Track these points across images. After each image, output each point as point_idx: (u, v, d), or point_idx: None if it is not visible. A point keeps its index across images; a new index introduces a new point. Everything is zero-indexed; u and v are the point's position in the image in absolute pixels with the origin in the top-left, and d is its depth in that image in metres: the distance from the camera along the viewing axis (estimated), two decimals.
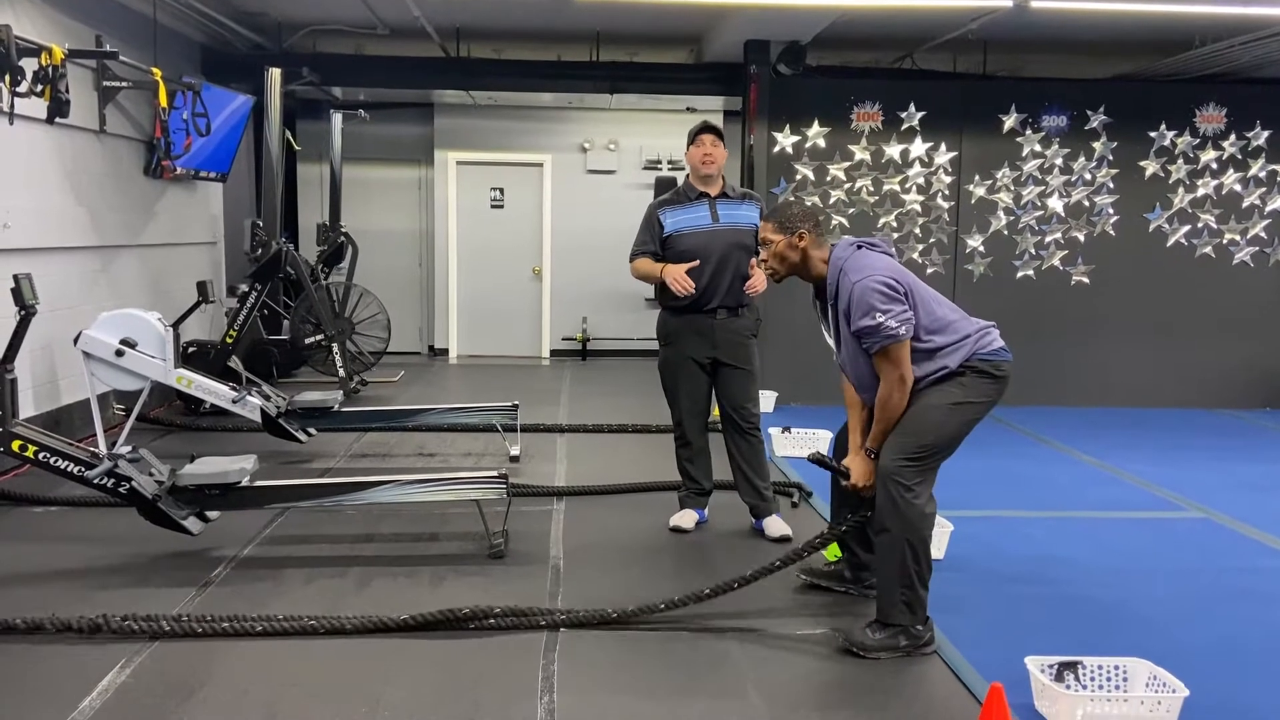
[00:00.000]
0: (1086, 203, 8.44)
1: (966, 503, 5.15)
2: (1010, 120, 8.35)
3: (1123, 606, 3.97)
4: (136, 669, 3.24)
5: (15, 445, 4.22)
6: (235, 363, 7.13)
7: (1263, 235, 8.49)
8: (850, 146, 8.32)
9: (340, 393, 6.69)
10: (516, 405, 6.17)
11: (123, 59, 6.25)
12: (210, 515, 4.37)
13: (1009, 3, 6.54)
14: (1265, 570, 4.48)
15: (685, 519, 4.84)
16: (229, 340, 7.35)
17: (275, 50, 8.69)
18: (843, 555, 4.04)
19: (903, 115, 8.30)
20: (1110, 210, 8.44)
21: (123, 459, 4.19)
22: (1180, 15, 7.09)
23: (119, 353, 4.50)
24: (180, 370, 5.18)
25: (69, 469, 4.22)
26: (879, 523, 3.44)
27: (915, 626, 3.43)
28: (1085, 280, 8.47)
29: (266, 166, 7.97)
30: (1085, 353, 8.47)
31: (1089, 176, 8.41)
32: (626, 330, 11.17)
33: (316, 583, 4.04)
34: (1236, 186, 8.45)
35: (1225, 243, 8.49)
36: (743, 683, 3.23)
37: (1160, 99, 8.39)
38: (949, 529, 4.42)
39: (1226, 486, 5.91)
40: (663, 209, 4.73)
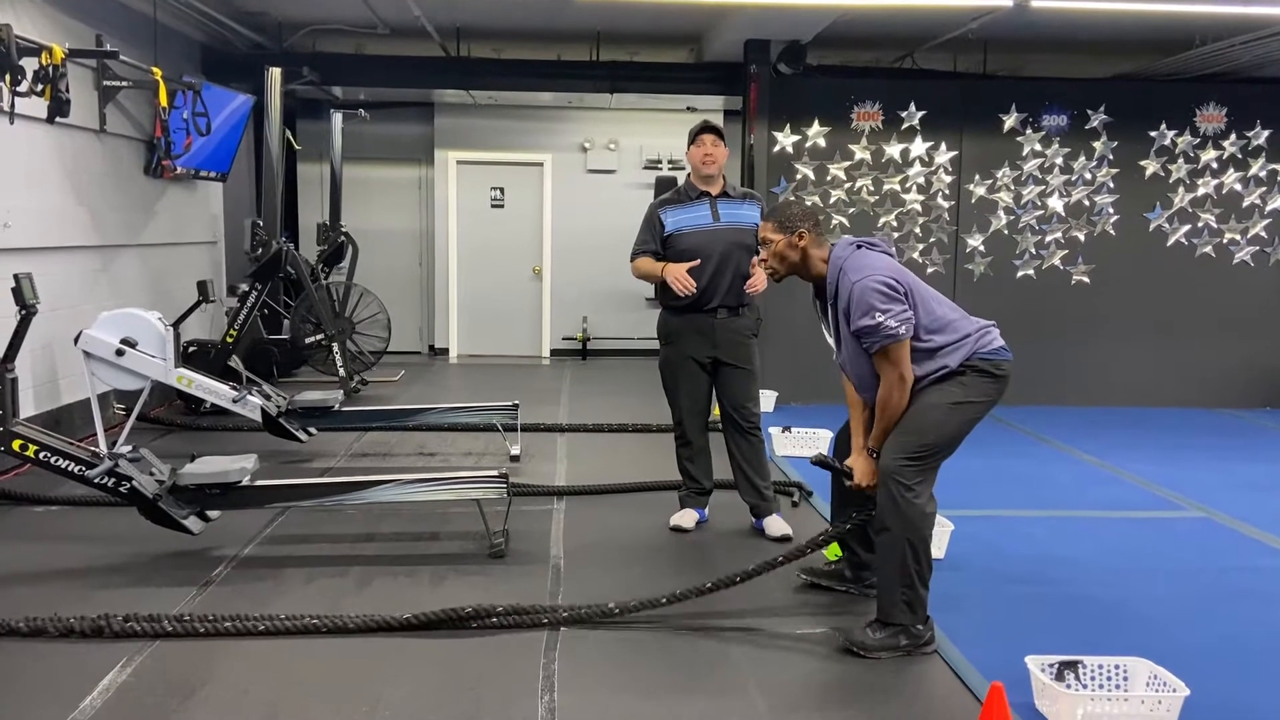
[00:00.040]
0: (1087, 202, 8.44)
1: (967, 502, 5.15)
2: (1010, 120, 8.35)
3: (1123, 606, 3.97)
4: (138, 668, 3.24)
5: (16, 444, 4.23)
6: (236, 362, 7.13)
7: (1263, 235, 8.49)
8: (850, 146, 8.32)
9: (340, 392, 6.69)
10: (517, 405, 6.17)
11: (123, 58, 6.25)
12: (211, 515, 4.37)
13: (1009, 2, 6.54)
14: (1266, 570, 4.48)
15: (686, 518, 4.84)
16: (229, 340, 7.35)
17: (275, 50, 8.69)
18: (843, 555, 4.04)
19: (903, 115, 8.30)
20: (1110, 210, 8.45)
21: (123, 458, 4.19)
22: (1180, 15, 7.09)
23: (119, 352, 4.50)
24: (181, 370, 5.18)
25: (70, 468, 4.22)
26: (880, 522, 3.44)
27: (916, 626, 3.43)
28: (1085, 280, 8.47)
29: (267, 166, 7.97)
30: (1085, 352, 8.47)
31: (1089, 176, 8.41)
32: (627, 330, 11.17)
33: (317, 582, 4.04)
34: (1237, 186, 8.45)
35: (1225, 242, 8.49)
36: (743, 682, 3.23)
37: (1160, 98, 8.39)
38: (949, 528, 4.43)
39: (1227, 486, 5.91)
40: (664, 208, 4.73)
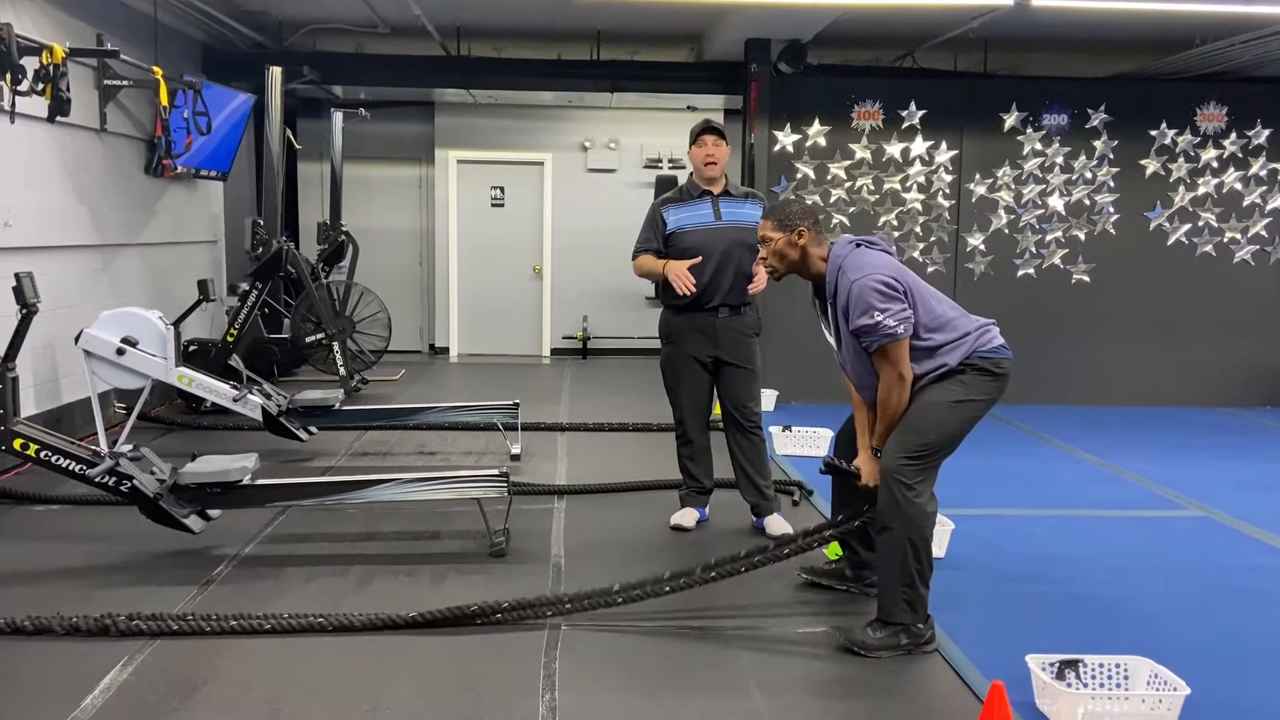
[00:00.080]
0: (1087, 201, 8.44)
1: (967, 501, 5.15)
2: (1011, 119, 8.35)
3: (1124, 605, 3.97)
4: (139, 667, 3.24)
5: (17, 443, 4.22)
6: (236, 361, 7.14)
7: (1263, 234, 8.49)
8: (851, 145, 8.32)
9: (341, 391, 6.69)
10: (517, 404, 6.17)
11: (124, 58, 6.24)
12: (211, 514, 4.37)
13: (1010, 1, 6.53)
14: (1266, 569, 4.48)
15: (686, 517, 4.84)
16: (230, 339, 7.35)
17: (276, 49, 8.70)
18: (844, 553, 4.04)
19: (903, 114, 8.30)
20: (1111, 209, 8.44)
21: (124, 457, 4.20)
22: (1181, 14, 7.08)
23: (120, 351, 4.50)
24: (181, 369, 5.18)
25: (70, 467, 4.22)
26: (881, 521, 3.44)
27: (916, 625, 3.43)
28: (1086, 279, 8.47)
29: (267, 165, 7.97)
30: (1086, 351, 8.47)
31: (1090, 175, 8.41)
32: (627, 329, 11.17)
33: (318, 581, 4.04)
34: (1237, 185, 8.45)
35: (1226, 241, 8.49)
36: (743, 681, 3.23)
37: (1161, 97, 8.39)
38: (950, 527, 4.43)
39: (1227, 485, 5.91)
40: (665, 206, 4.73)
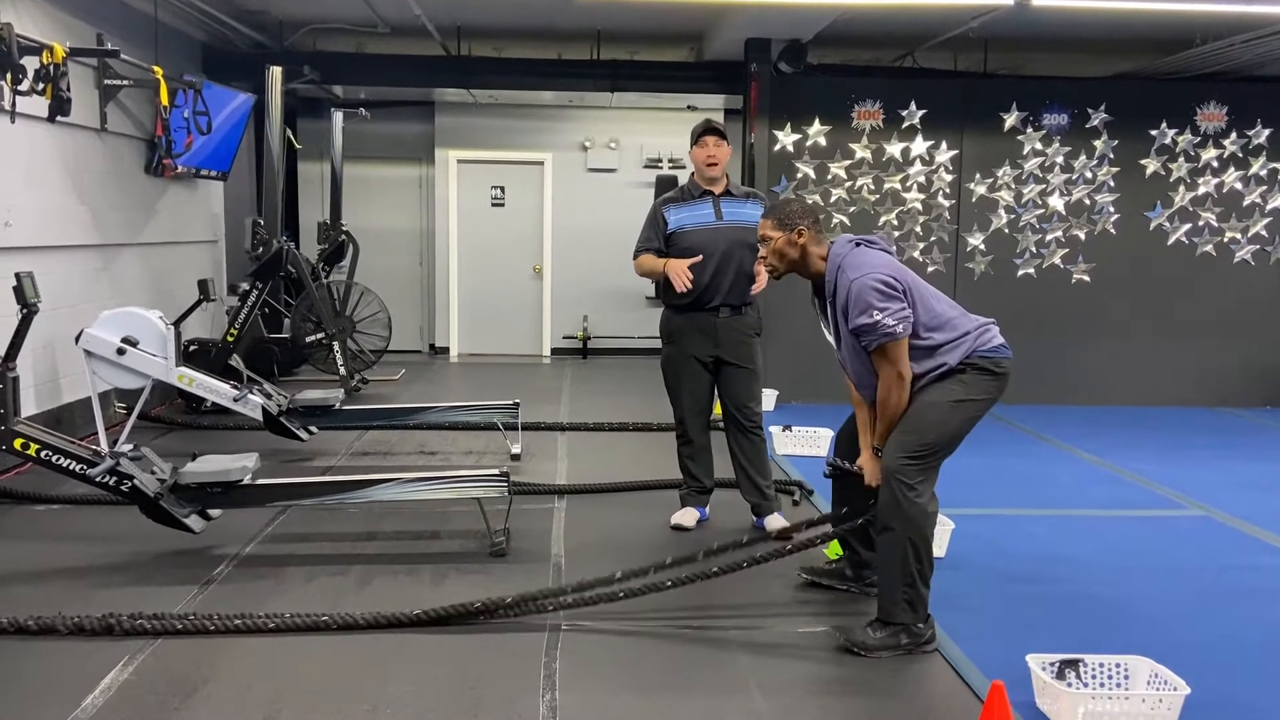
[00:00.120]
0: (1087, 201, 8.44)
1: (968, 501, 5.15)
2: (1011, 118, 8.35)
3: (1124, 604, 3.97)
4: (139, 666, 3.24)
5: (17, 443, 4.23)
6: (236, 361, 7.14)
7: (1263, 234, 8.49)
8: (851, 145, 8.32)
9: (341, 391, 6.69)
10: (517, 403, 6.17)
11: (124, 57, 6.24)
12: (212, 513, 4.37)
13: (1010, 1, 6.53)
14: (1266, 568, 4.48)
15: (686, 517, 4.84)
16: (230, 338, 7.35)
17: (276, 48, 8.70)
18: (844, 553, 4.04)
19: (904, 113, 8.30)
20: (1111, 208, 8.44)
21: (124, 457, 4.20)
22: (1181, 13, 7.08)
23: (120, 351, 4.50)
24: (181, 368, 5.18)
25: (71, 467, 4.23)
26: (882, 521, 3.44)
27: (917, 625, 3.43)
28: (1086, 278, 8.47)
29: (267, 165, 7.97)
30: (1086, 351, 8.47)
31: (1090, 174, 8.41)
32: (627, 329, 11.16)
33: (318, 580, 4.04)
34: (1237, 185, 8.45)
35: (1226, 241, 8.49)
36: (743, 681, 3.23)
37: (1161, 97, 8.38)
38: (950, 527, 4.42)
39: (1227, 485, 5.91)
40: (667, 206, 4.73)
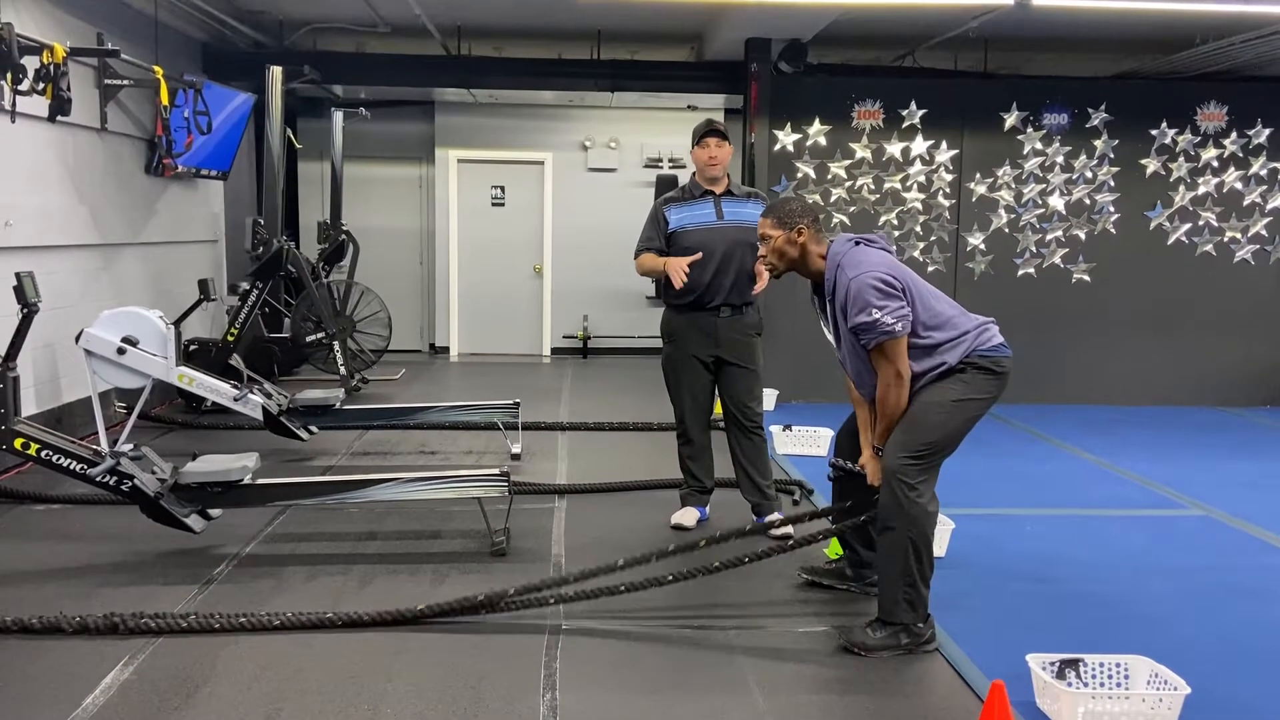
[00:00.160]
0: (1087, 200, 8.44)
1: (968, 501, 5.16)
2: (1011, 118, 8.35)
3: (1124, 604, 3.97)
4: (140, 665, 3.24)
5: (18, 443, 4.22)
6: (237, 361, 7.13)
7: (1263, 233, 8.49)
8: (851, 144, 8.32)
9: (341, 391, 6.69)
10: (518, 403, 6.17)
11: (124, 57, 6.24)
12: (212, 513, 4.38)
13: (1010, 1, 6.53)
14: (1266, 568, 4.48)
15: (687, 516, 4.84)
16: (230, 338, 7.35)
17: (276, 48, 8.70)
18: (844, 553, 4.04)
19: (904, 113, 8.30)
20: (1111, 208, 8.44)
21: (125, 457, 4.20)
22: (1181, 13, 7.08)
23: (121, 351, 4.50)
24: (182, 368, 5.17)
25: (71, 467, 4.22)
26: (882, 521, 3.44)
27: (917, 624, 3.43)
28: (1086, 278, 8.47)
29: (267, 164, 7.96)
30: (1086, 350, 8.47)
31: (1090, 174, 8.41)
32: (627, 328, 11.17)
33: (318, 580, 4.04)
34: (1237, 184, 8.45)
35: (1226, 241, 8.49)
36: (743, 681, 3.23)
37: (1161, 97, 8.39)
38: (950, 527, 4.43)
39: (1227, 484, 5.92)
40: (668, 206, 4.73)
